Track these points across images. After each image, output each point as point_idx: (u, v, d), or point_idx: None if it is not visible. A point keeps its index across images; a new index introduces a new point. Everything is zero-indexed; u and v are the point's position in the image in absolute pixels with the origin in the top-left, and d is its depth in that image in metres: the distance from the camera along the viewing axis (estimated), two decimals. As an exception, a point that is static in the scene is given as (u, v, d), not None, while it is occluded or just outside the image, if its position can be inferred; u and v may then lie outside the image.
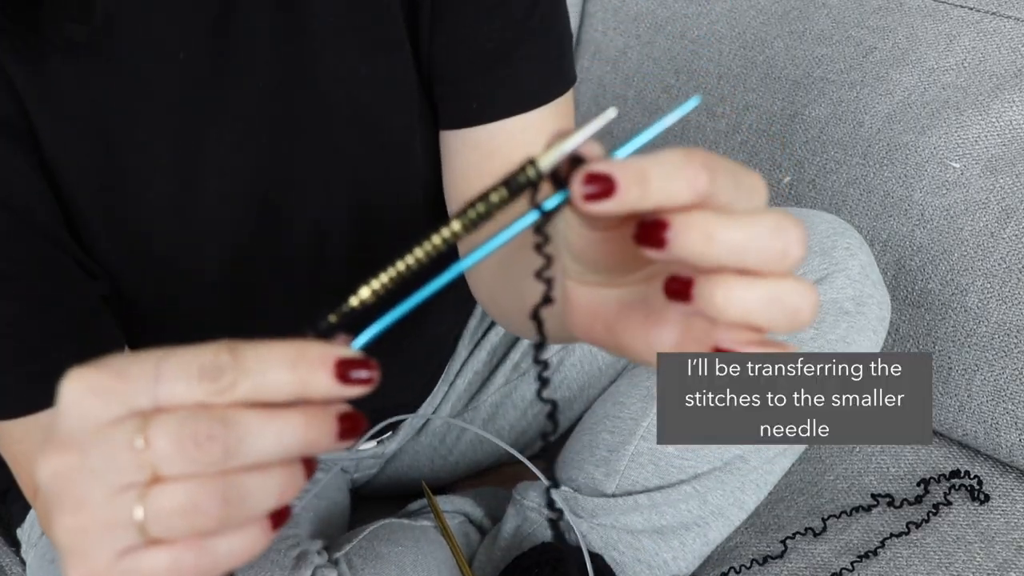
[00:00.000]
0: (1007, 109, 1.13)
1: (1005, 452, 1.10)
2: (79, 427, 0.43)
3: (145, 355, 0.43)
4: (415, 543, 0.95)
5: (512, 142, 0.84)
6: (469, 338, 1.12)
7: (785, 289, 0.44)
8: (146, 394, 0.43)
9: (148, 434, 0.42)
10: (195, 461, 0.42)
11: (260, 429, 0.43)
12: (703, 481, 0.95)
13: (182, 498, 0.42)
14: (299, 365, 0.43)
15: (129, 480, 0.43)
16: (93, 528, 0.43)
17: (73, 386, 0.43)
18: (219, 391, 0.43)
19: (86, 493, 0.43)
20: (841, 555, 1.03)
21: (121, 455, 0.42)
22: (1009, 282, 1.08)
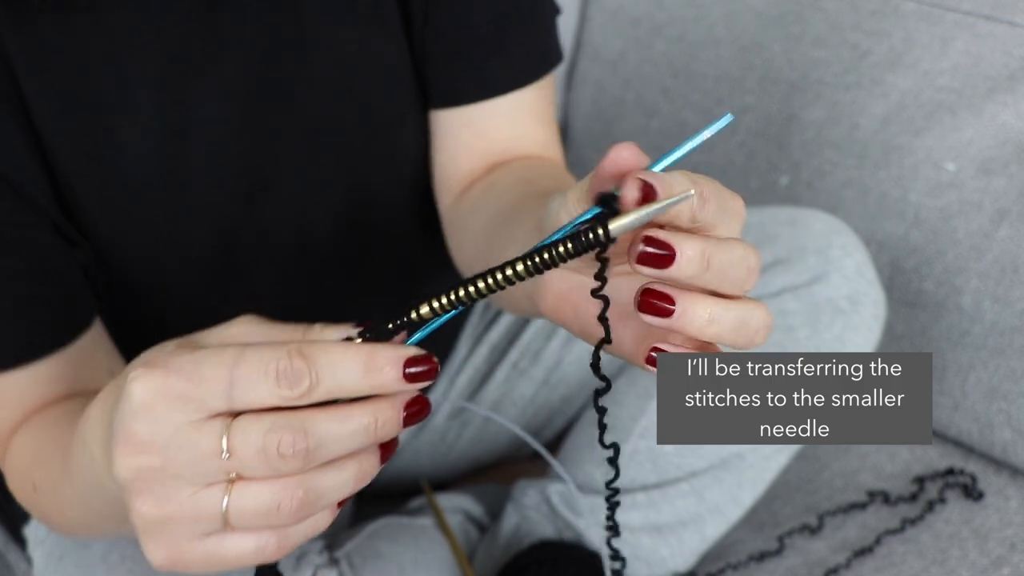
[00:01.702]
0: (1001, 111, 1.14)
1: (999, 450, 1.10)
2: (157, 431, 0.45)
3: (215, 357, 0.45)
4: (415, 541, 0.95)
5: (503, 121, 0.86)
6: (470, 335, 1.13)
7: (751, 313, 0.48)
8: (222, 398, 0.45)
9: (232, 442, 0.45)
10: (277, 468, 0.45)
11: (337, 433, 0.46)
12: (700, 479, 0.96)
13: (265, 498, 0.46)
14: (371, 369, 0.47)
15: (213, 480, 0.46)
16: (178, 519, 0.46)
17: (144, 387, 0.46)
18: (297, 397, 0.45)
19: (171, 491, 0.46)
20: (837, 552, 1.03)
21: (205, 460, 0.45)
22: (1003, 282, 1.09)
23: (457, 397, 1.11)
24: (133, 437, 0.46)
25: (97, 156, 0.78)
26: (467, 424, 1.12)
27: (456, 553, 0.98)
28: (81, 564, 0.90)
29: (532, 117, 0.89)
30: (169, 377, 0.46)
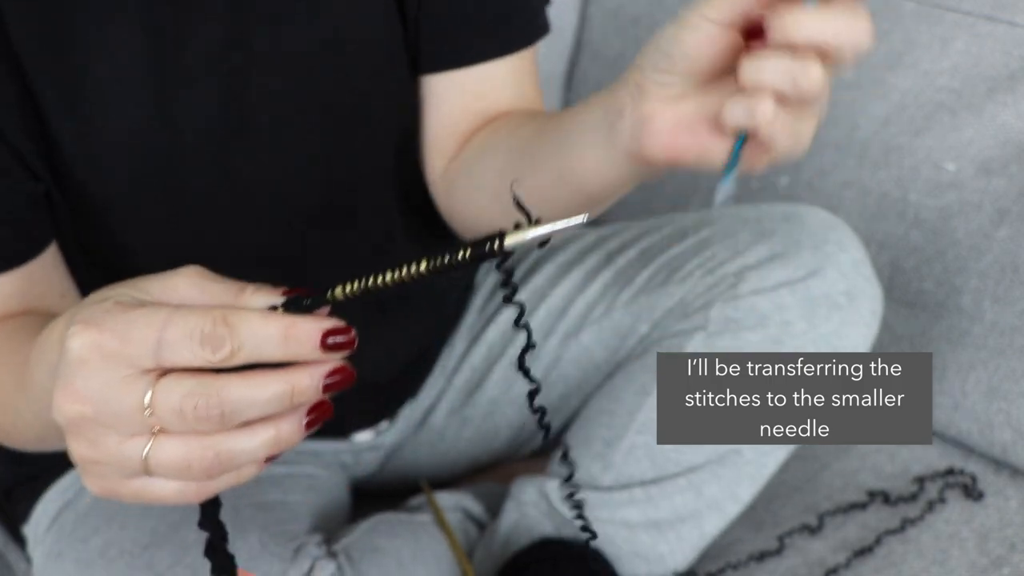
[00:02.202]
0: (1001, 111, 1.14)
1: (999, 450, 1.10)
2: (90, 384, 0.50)
3: (145, 318, 0.50)
4: (414, 537, 0.95)
5: (500, 83, 0.90)
6: (466, 334, 1.13)
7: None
8: (150, 358, 0.50)
9: (154, 400, 0.50)
10: (193, 428, 0.50)
11: (252, 398, 0.50)
12: (698, 474, 0.96)
13: (179, 454, 0.51)
14: (289, 339, 0.50)
15: (137, 432, 0.51)
16: (106, 461, 0.52)
17: (80, 344, 0.50)
18: (219, 361, 0.50)
19: (101, 438, 0.51)
20: (837, 552, 1.03)
21: (130, 414, 0.50)
22: (1003, 282, 1.09)
23: (455, 397, 1.12)
24: (69, 387, 0.51)
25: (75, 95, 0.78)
26: (466, 423, 1.12)
27: (455, 549, 0.98)
28: (80, 560, 0.90)
29: (527, 80, 0.92)
30: (103, 335, 0.50)
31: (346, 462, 1.10)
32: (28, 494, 1.00)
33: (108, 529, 0.91)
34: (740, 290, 0.96)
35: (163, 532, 0.89)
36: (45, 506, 0.98)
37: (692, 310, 0.99)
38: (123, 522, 0.91)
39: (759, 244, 0.98)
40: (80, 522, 0.94)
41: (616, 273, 1.06)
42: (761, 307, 0.95)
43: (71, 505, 0.96)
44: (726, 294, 0.97)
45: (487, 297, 1.13)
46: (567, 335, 1.08)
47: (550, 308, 1.08)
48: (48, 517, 0.97)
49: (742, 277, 0.97)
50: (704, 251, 1.01)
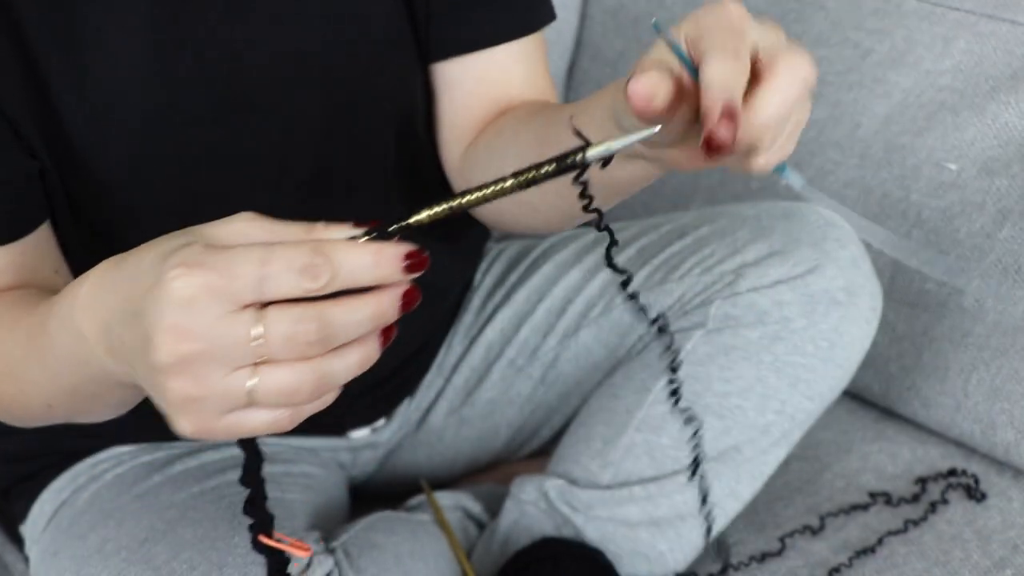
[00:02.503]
0: (1003, 111, 1.14)
1: (1001, 451, 1.10)
2: (200, 321, 0.52)
3: (246, 254, 0.53)
4: (412, 534, 0.95)
5: (511, 68, 0.92)
6: (464, 335, 1.12)
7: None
8: (253, 292, 0.53)
9: (266, 330, 0.53)
10: (301, 352, 0.54)
11: (349, 321, 0.54)
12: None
13: (288, 380, 0.54)
14: (378, 265, 0.54)
15: (243, 363, 0.53)
16: (210, 397, 0.54)
17: (185, 284, 0.52)
18: (318, 289, 0.53)
19: (207, 373, 0.53)
20: (839, 552, 1.03)
21: (240, 346, 0.53)
22: (1005, 282, 1.09)
23: (454, 397, 1.11)
24: (176, 327, 0.53)
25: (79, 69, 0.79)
26: (464, 423, 1.12)
27: (454, 547, 0.98)
28: (76, 557, 0.90)
29: (537, 67, 0.94)
30: (208, 274, 0.52)
31: (344, 461, 1.10)
32: (25, 493, 1.00)
33: (105, 526, 0.91)
34: (739, 287, 0.97)
35: (161, 528, 0.89)
36: (42, 506, 0.98)
37: (691, 308, 0.99)
38: (120, 519, 0.91)
39: (758, 241, 0.99)
40: (76, 520, 0.94)
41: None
42: (760, 304, 0.96)
43: (68, 504, 0.96)
44: (725, 291, 0.97)
45: (485, 297, 1.13)
46: (566, 334, 1.08)
47: (549, 307, 1.09)
48: (45, 516, 0.97)
49: (741, 274, 0.97)
50: (703, 249, 1.01)
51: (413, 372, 1.08)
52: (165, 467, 0.96)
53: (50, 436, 0.99)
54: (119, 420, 0.97)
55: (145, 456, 0.98)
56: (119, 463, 0.97)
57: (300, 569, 0.87)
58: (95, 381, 0.67)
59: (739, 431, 0.96)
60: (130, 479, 0.96)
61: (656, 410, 0.97)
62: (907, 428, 1.17)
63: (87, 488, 0.96)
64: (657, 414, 0.97)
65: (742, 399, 0.95)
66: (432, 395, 1.12)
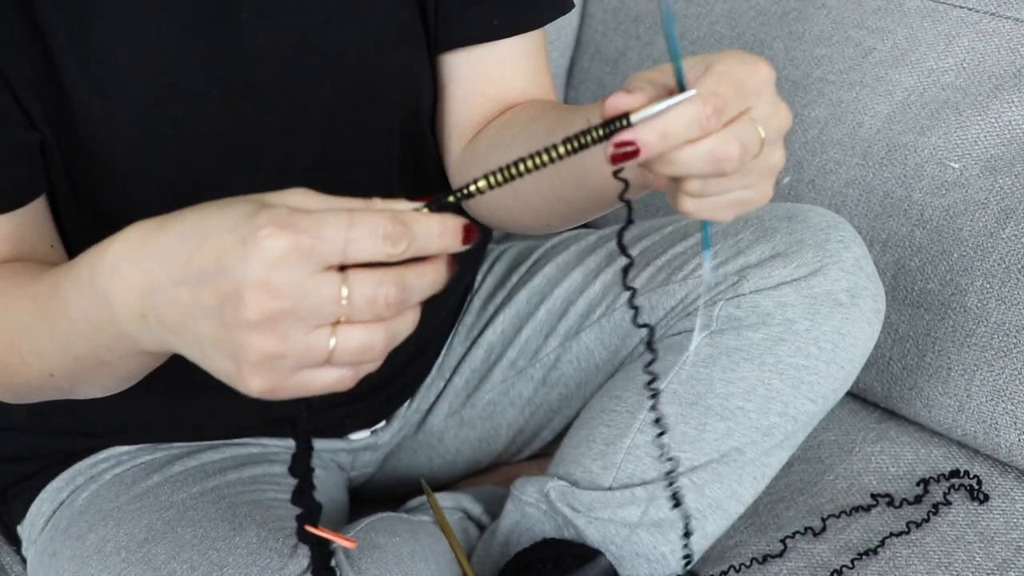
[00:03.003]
0: (1006, 109, 1.13)
1: (1004, 452, 1.10)
2: (290, 278, 0.55)
3: (333, 218, 0.56)
4: (413, 535, 0.95)
5: (515, 66, 0.93)
6: (464, 336, 1.12)
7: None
8: (339, 253, 0.56)
9: (351, 290, 0.56)
10: (379, 313, 0.57)
11: (421, 285, 0.58)
12: (700, 474, 0.95)
13: (364, 339, 0.57)
14: (443, 233, 0.58)
15: (326, 322, 0.56)
16: (290, 355, 0.56)
17: (277, 243, 0.55)
18: (396, 254, 0.57)
19: (291, 330, 0.56)
20: (840, 554, 1.02)
21: (326, 305, 0.56)
22: (1008, 282, 1.09)
23: (454, 398, 1.11)
24: (267, 285, 0.55)
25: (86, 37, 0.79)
26: (465, 425, 1.12)
27: (454, 547, 0.97)
28: (75, 558, 0.90)
29: (539, 67, 0.96)
30: (298, 235, 0.55)
31: (343, 462, 1.10)
32: (22, 493, 1.00)
33: (104, 527, 0.91)
34: (742, 288, 0.97)
35: (160, 528, 0.89)
36: (40, 506, 0.98)
37: (694, 309, 0.99)
38: (119, 519, 0.91)
39: (761, 243, 0.99)
40: (75, 520, 0.93)
41: (617, 273, 1.06)
42: (764, 305, 0.96)
43: (66, 504, 0.96)
44: (728, 292, 0.97)
45: (486, 299, 1.13)
46: (567, 335, 1.08)
47: (551, 309, 1.08)
48: (43, 517, 0.97)
49: (744, 276, 0.97)
50: (705, 250, 1.01)
51: (414, 375, 1.08)
52: (164, 467, 0.96)
53: (48, 436, 0.99)
54: (119, 419, 0.97)
55: (144, 456, 0.98)
56: (118, 463, 0.97)
57: (300, 570, 0.86)
58: (109, 348, 0.68)
59: (741, 433, 0.95)
60: (129, 479, 0.95)
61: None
62: (909, 429, 1.17)
63: (86, 488, 0.96)
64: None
65: (745, 400, 0.95)
66: (432, 397, 1.12)
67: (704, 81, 0.60)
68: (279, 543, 0.87)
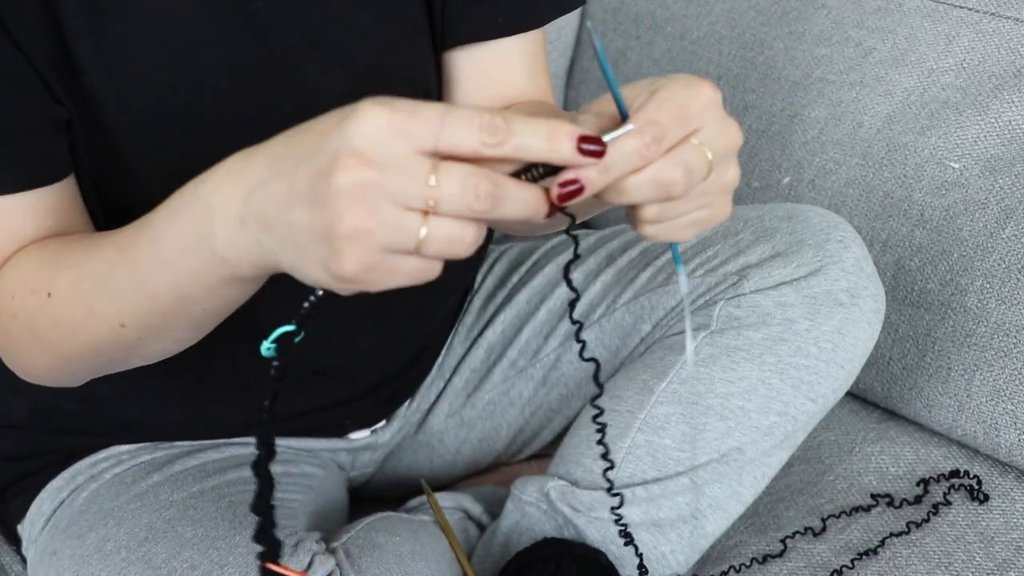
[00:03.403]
0: (1006, 109, 1.13)
1: (1004, 452, 1.10)
2: (382, 151, 0.56)
3: (430, 105, 0.56)
4: (413, 534, 0.95)
5: (512, 67, 0.95)
6: (464, 336, 1.12)
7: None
8: (434, 137, 0.56)
9: (440, 177, 0.56)
10: (468, 208, 0.56)
11: (516, 196, 0.57)
12: (700, 473, 0.95)
13: (453, 230, 0.57)
14: (552, 138, 0.57)
15: (415, 205, 0.56)
16: (379, 230, 0.56)
17: (375, 115, 0.56)
18: (492, 145, 0.56)
19: (380, 204, 0.56)
20: (840, 554, 1.02)
21: (415, 185, 0.56)
22: (1008, 282, 1.09)
23: (454, 398, 1.11)
24: (361, 153, 0.56)
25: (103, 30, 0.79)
26: (465, 425, 1.12)
27: (454, 546, 0.97)
28: (75, 556, 0.90)
29: (539, 68, 0.97)
30: (396, 113, 0.56)
31: (342, 462, 1.10)
32: (22, 492, 1.00)
33: (104, 526, 0.91)
34: (743, 288, 0.97)
35: (160, 528, 0.89)
36: (40, 505, 0.98)
37: (695, 309, 0.99)
38: (119, 518, 0.91)
39: (761, 243, 0.99)
40: (75, 520, 0.93)
41: (617, 273, 1.07)
42: (764, 305, 0.96)
43: (66, 503, 0.96)
44: (728, 292, 0.97)
45: (486, 299, 1.13)
46: (568, 336, 1.08)
47: (551, 309, 1.09)
48: (43, 516, 0.97)
49: (744, 275, 0.98)
50: (706, 250, 1.01)
51: (414, 375, 1.08)
52: (165, 467, 0.96)
53: (49, 435, 0.99)
54: (120, 418, 0.97)
55: (145, 455, 0.98)
56: (118, 462, 0.97)
57: (301, 569, 0.86)
58: (194, 277, 0.67)
59: (742, 432, 0.95)
60: (129, 478, 0.95)
61: (659, 411, 0.96)
62: (909, 429, 1.17)
63: (86, 487, 0.96)
64: (660, 415, 0.96)
65: (745, 400, 0.95)
66: (432, 397, 1.12)
67: (645, 109, 0.60)
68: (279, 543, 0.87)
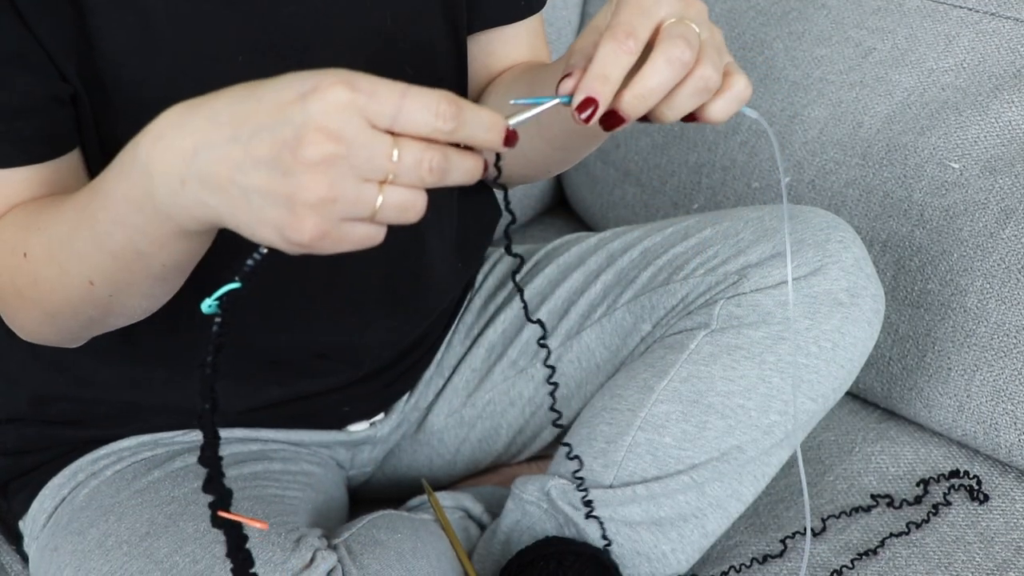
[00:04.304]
0: (1006, 109, 1.13)
1: (1004, 452, 1.10)
2: (347, 127, 0.60)
3: (390, 86, 0.61)
4: (414, 532, 0.95)
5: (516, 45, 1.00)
6: (464, 335, 1.12)
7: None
8: (391, 117, 0.60)
9: (401, 151, 0.61)
10: (422, 179, 0.62)
11: (460, 166, 0.63)
12: (700, 471, 0.96)
13: (407, 197, 0.62)
14: (492, 129, 0.64)
15: (375, 177, 0.61)
16: (340, 201, 0.61)
17: (340, 94, 0.60)
18: (444, 132, 0.61)
19: (343, 177, 0.60)
20: (840, 554, 1.03)
21: (377, 158, 0.60)
22: (1008, 282, 1.09)
23: (454, 398, 1.11)
24: (325, 128, 0.59)
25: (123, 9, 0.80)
26: (465, 425, 1.12)
27: (454, 544, 0.97)
28: (77, 552, 0.90)
29: (539, 41, 1.03)
30: (356, 92, 0.60)
31: (342, 460, 1.10)
32: (24, 488, 1.00)
33: (105, 521, 0.91)
34: (743, 287, 0.97)
35: (161, 523, 0.89)
36: (41, 502, 0.98)
37: (695, 308, 1.00)
38: (120, 514, 0.91)
39: (761, 243, 1.00)
40: (76, 516, 0.93)
41: (618, 273, 1.07)
42: (764, 304, 0.96)
43: (67, 501, 0.96)
44: (729, 291, 0.98)
45: (487, 299, 1.13)
46: (568, 335, 1.08)
47: (551, 309, 1.09)
48: (44, 513, 0.97)
49: (744, 275, 0.98)
50: (706, 250, 1.02)
51: (411, 365, 1.08)
52: (166, 463, 0.96)
53: (50, 426, 0.98)
54: (117, 404, 0.97)
55: (146, 452, 0.98)
56: (119, 459, 0.97)
57: (303, 564, 0.86)
58: (145, 232, 0.70)
59: (742, 431, 0.96)
60: (130, 475, 0.95)
61: (659, 409, 0.97)
62: (909, 429, 1.17)
63: (87, 484, 0.96)
64: (660, 413, 0.96)
65: (745, 399, 0.95)
66: (432, 395, 1.12)
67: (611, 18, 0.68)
68: (281, 538, 0.87)
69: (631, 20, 0.68)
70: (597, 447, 0.98)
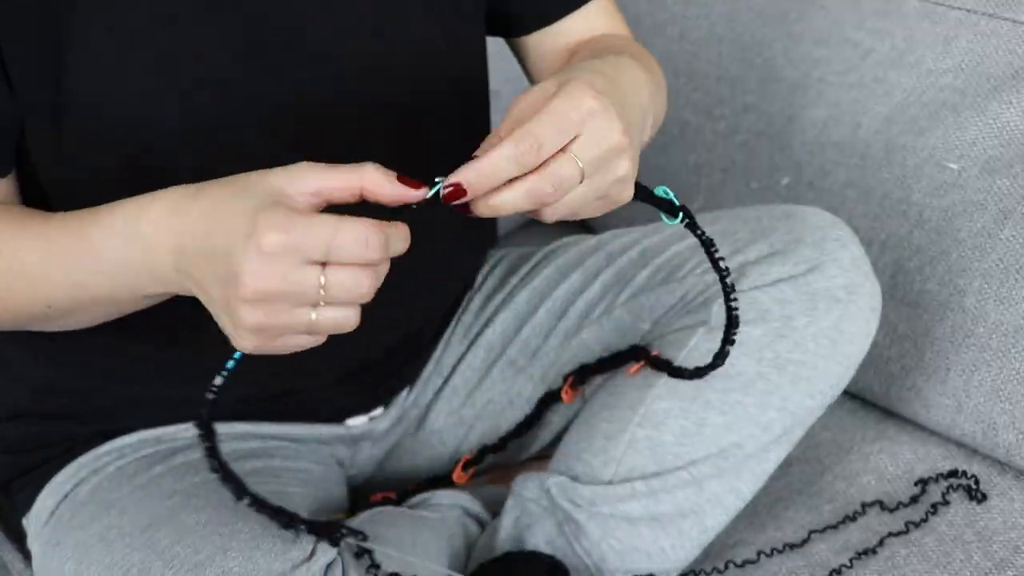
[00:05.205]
0: (1005, 110, 1.13)
1: (1003, 452, 1.10)
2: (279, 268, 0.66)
3: (321, 223, 0.66)
4: (414, 528, 0.95)
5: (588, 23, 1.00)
6: (463, 335, 1.12)
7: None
8: (323, 254, 0.66)
9: (327, 280, 0.67)
10: (352, 301, 0.68)
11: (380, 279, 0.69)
12: (699, 468, 0.96)
13: (339, 315, 0.68)
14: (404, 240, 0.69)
15: (308, 302, 0.67)
16: (276, 326, 0.68)
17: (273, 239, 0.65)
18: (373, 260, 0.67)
19: (278, 308, 0.67)
20: (839, 554, 1.03)
21: (308, 291, 0.67)
22: (1007, 283, 1.09)
23: (453, 398, 1.11)
24: (260, 272, 0.66)
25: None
26: (465, 424, 1.12)
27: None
28: (79, 545, 0.90)
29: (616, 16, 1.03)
30: (291, 236, 0.66)
31: (342, 457, 1.10)
32: (27, 485, 1.00)
33: (107, 516, 0.91)
34: (741, 285, 0.98)
35: (163, 515, 0.89)
36: (44, 500, 0.98)
37: (694, 306, 1.00)
38: (122, 508, 0.91)
39: (759, 241, 1.00)
40: (78, 511, 0.94)
41: (617, 273, 1.07)
42: (762, 302, 0.97)
43: (69, 498, 0.96)
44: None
45: (486, 299, 1.14)
46: (567, 335, 1.08)
47: (550, 309, 1.09)
48: (47, 511, 0.97)
49: (743, 273, 0.98)
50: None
51: (408, 357, 1.08)
52: (167, 459, 0.96)
53: (52, 421, 0.99)
54: (117, 397, 0.97)
55: (147, 448, 0.98)
56: (121, 456, 0.97)
57: (303, 556, 0.86)
58: (131, 288, 0.78)
59: (741, 427, 0.96)
60: (131, 471, 0.96)
61: (658, 406, 0.97)
62: (908, 428, 1.17)
63: (89, 481, 0.96)
64: (659, 410, 0.97)
65: (743, 395, 0.96)
66: (431, 394, 1.12)
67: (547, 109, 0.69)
68: (282, 530, 0.87)
69: (546, 133, 0.69)
70: (597, 444, 0.98)
